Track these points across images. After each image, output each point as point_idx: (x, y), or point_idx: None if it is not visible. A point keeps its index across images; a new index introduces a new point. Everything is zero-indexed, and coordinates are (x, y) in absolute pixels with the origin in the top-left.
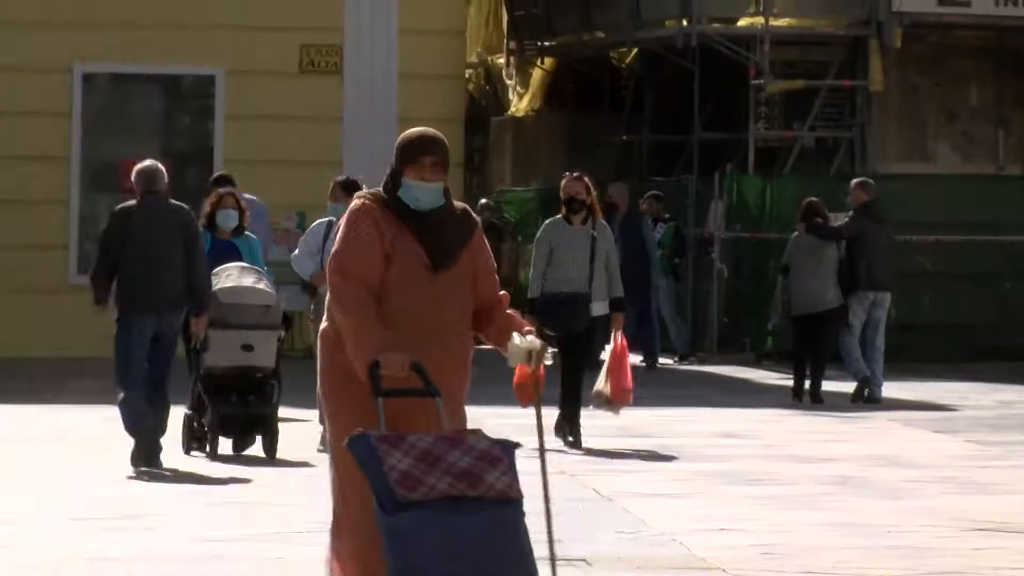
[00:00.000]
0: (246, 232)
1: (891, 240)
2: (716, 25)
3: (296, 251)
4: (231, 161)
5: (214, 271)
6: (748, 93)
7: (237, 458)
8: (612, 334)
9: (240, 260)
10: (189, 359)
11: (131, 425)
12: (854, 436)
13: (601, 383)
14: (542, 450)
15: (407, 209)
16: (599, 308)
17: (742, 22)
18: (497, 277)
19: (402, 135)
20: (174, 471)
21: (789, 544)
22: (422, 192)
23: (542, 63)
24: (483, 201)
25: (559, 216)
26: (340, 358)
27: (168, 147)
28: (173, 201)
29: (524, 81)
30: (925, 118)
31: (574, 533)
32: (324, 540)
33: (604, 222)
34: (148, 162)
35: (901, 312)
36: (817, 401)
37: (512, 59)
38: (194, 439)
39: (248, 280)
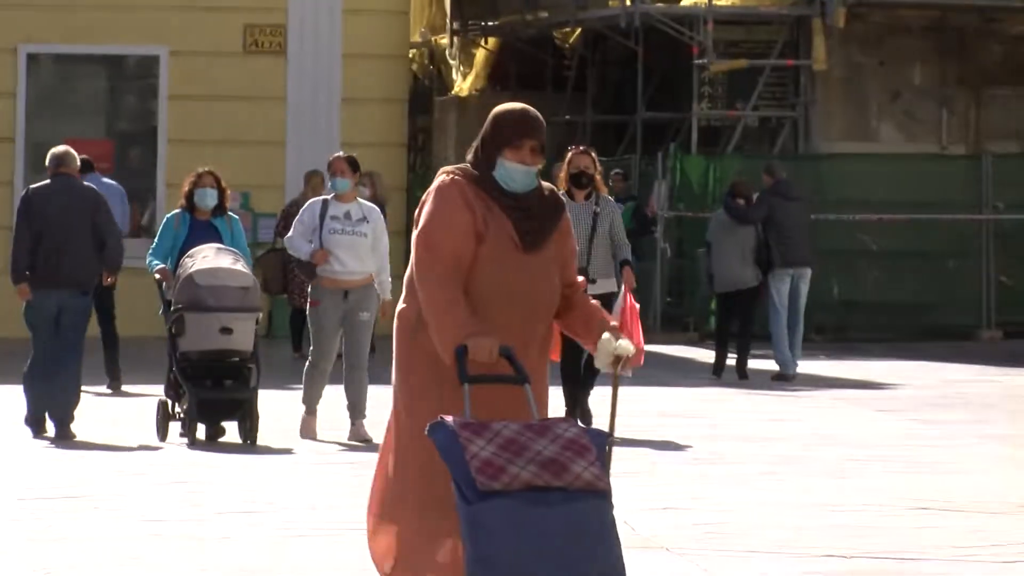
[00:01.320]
0: (228, 212)
1: (805, 216)
2: (659, 5)
3: (290, 232)
4: (175, 141)
5: (188, 252)
6: (691, 73)
7: (214, 444)
8: (621, 292)
9: (220, 242)
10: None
11: (26, 393)
12: (798, 415)
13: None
14: (610, 444)
15: (499, 188)
16: (601, 286)
17: (685, 2)
18: (576, 261)
19: (500, 111)
20: (124, 449)
21: (733, 523)
22: (520, 175)
23: (485, 43)
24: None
25: (561, 191)
26: (421, 339)
27: (112, 127)
28: (85, 183)
29: (468, 61)
30: (868, 97)
31: None
32: (270, 520)
33: (608, 196)
34: (60, 147)
35: (845, 291)
36: (743, 377)
37: (456, 39)
38: (169, 425)
39: (225, 261)
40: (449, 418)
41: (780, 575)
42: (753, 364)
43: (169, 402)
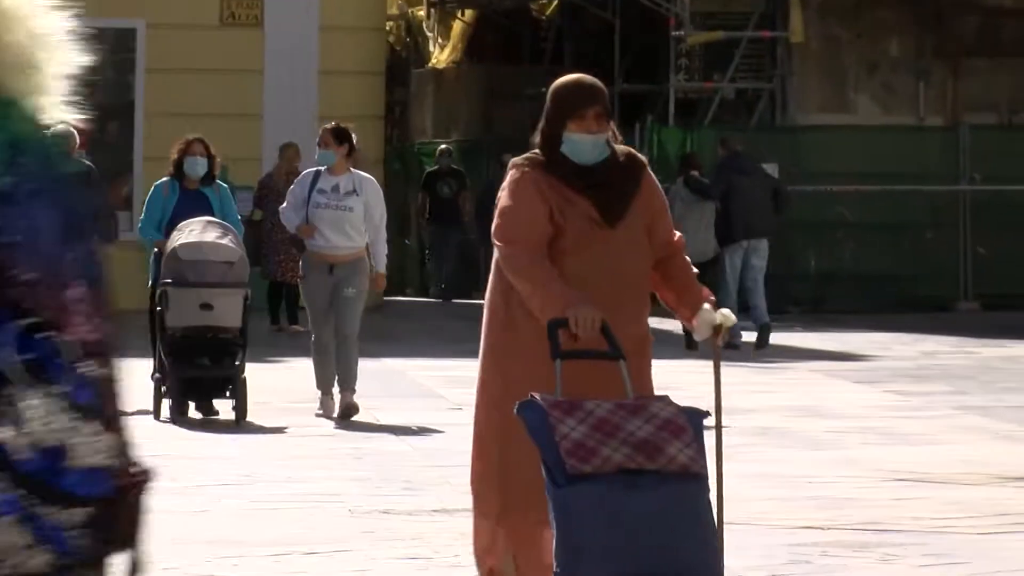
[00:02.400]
0: (217, 181)
1: (763, 187)
2: None
3: (284, 204)
4: (152, 114)
5: (178, 226)
6: (668, 44)
7: (203, 422)
8: None
9: (210, 211)
10: (152, 320)
11: None
12: (775, 387)
13: None
14: (719, 426)
15: (571, 166)
16: None
17: None
18: (671, 217)
19: (556, 85)
20: None
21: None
22: (588, 145)
23: (462, 15)
24: (443, 146)
25: None
26: (510, 327)
27: (89, 101)
28: (81, 160)
29: (445, 33)
30: (845, 69)
31: None
32: (251, 493)
33: None
34: (61, 126)
35: (822, 263)
36: (692, 347)
37: (433, 11)
38: (162, 403)
39: (211, 235)
40: (540, 396)
41: (757, 547)
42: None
43: (159, 380)
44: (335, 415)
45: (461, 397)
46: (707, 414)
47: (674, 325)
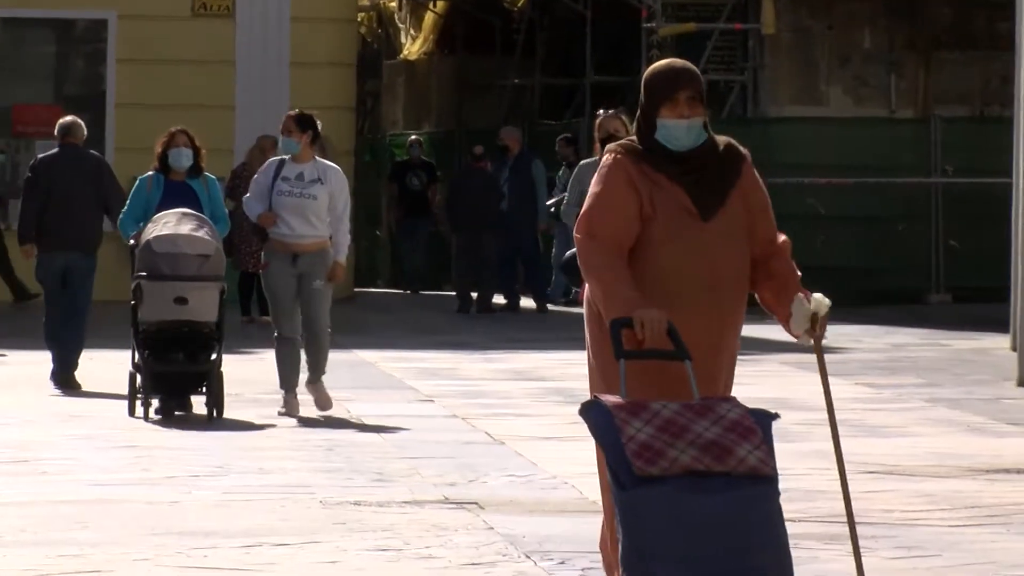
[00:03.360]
0: (204, 173)
1: None
2: None
3: (248, 193)
4: (123, 105)
5: (152, 218)
6: (640, 36)
7: (183, 422)
8: None
9: (197, 203)
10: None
11: (48, 342)
12: (745, 379)
13: None
14: (833, 425)
15: (665, 153)
16: None
17: None
18: (773, 216)
19: (649, 70)
20: (73, 413)
21: None
22: (681, 131)
23: (434, 6)
24: (413, 137)
25: (594, 157)
26: (603, 325)
27: (61, 91)
28: (91, 151)
29: (416, 24)
30: (817, 61)
31: (466, 476)
32: (222, 484)
33: None
34: (67, 117)
35: (793, 255)
36: None
37: (404, 2)
38: (137, 399)
39: (186, 227)
40: (606, 397)
41: None
42: None
43: (138, 376)
44: (299, 414)
45: (432, 388)
46: (776, 416)
47: None
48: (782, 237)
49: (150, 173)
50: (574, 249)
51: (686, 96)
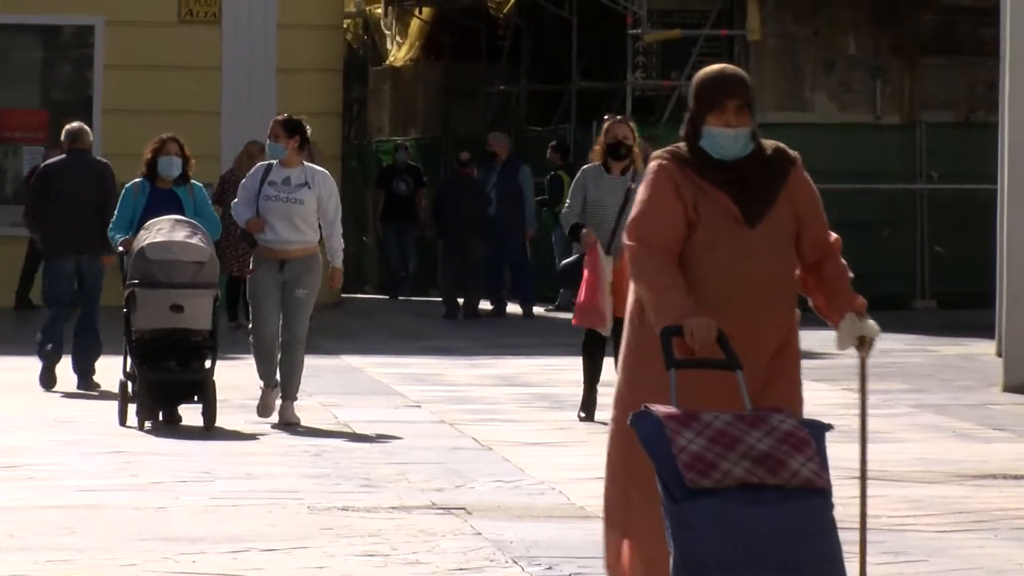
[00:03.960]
0: (192, 181)
1: None
2: None
3: (236, 199)
4: (110, 111)
5: (146, 224)
6: (626, 42)
7: (181, 433)
8: None
9: (181, 211)
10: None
11: (40, 346)
12: None
13: None
14: (863, 443)
15: (709, 161)
16: None
17: None
18: (825, 218)
19: (698, 76)
20: (60, 419)
21: None
22: (727, 140)
23: (420, 13)
24: (399, 142)
25: (596, 163)
26: (646, 333)
27: (48, 97)
28: (97, 157)
29: (402, 31)
30: (803, 67)
31: (453, 482)
32: (210, 490)
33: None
34: (75, 123)
35: None
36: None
37: (390, 9)
38: (128, 408)
39: (180, 234)
40: (656, 407)
41: None
42: None
43: (129, 383)
44: (272, 416)
45: (419, 394)
46: (830, 427)
47: None
48: (833, 236)
49: (136, 180)
50: (571, 258)
51: (734, 104)
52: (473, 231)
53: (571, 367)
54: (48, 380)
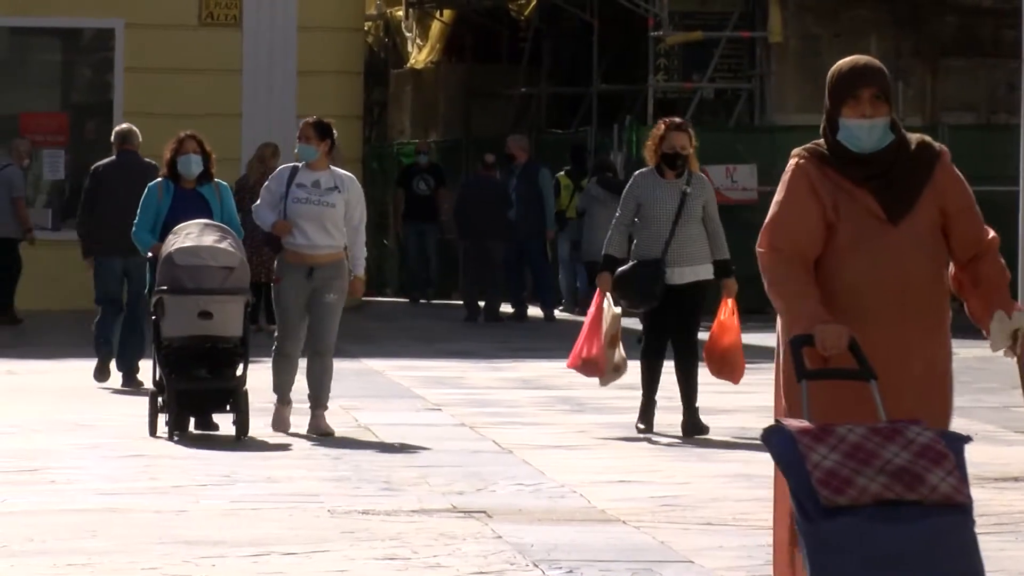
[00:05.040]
0: (216, 180)
1: None
2: None
3: (258, 200)
4: (131, 114)
5: (174, 229)
6: (647, 44)
7: (202, 438)
8: (720, 305)
9: (208, 212)
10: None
11: (96, 342)
12: (752, 387)
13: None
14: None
15: (849, 156)
16: (688, 274)
17: None
18: (979, 214)
19: (833, 68)
20: (80, 422)
21: (689, 496)
22: (863, 131)
23: (441, 15)
24: (420, 142)
25: (649, 168)
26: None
27: (68, 100)
28: (146, 159)
29: (423, 33)
30: (824, 69)
31: (473, 485)
32: (231, 493)
33: (701, 174)
34: (124, 125)
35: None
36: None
37: (411, 11)
38: (158, 418)
39: (209, 239)
40: (789, 421)
41: (737, 547)
42: None
43: (159, 393)
44: (289, 430)
45: (439, 397)
46: (969, 439)
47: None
48: (991, 234)
49: (159, 180)
50: (627, 266)
51: (870, 94)
52: (494, 234)
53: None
54: (102, 375)
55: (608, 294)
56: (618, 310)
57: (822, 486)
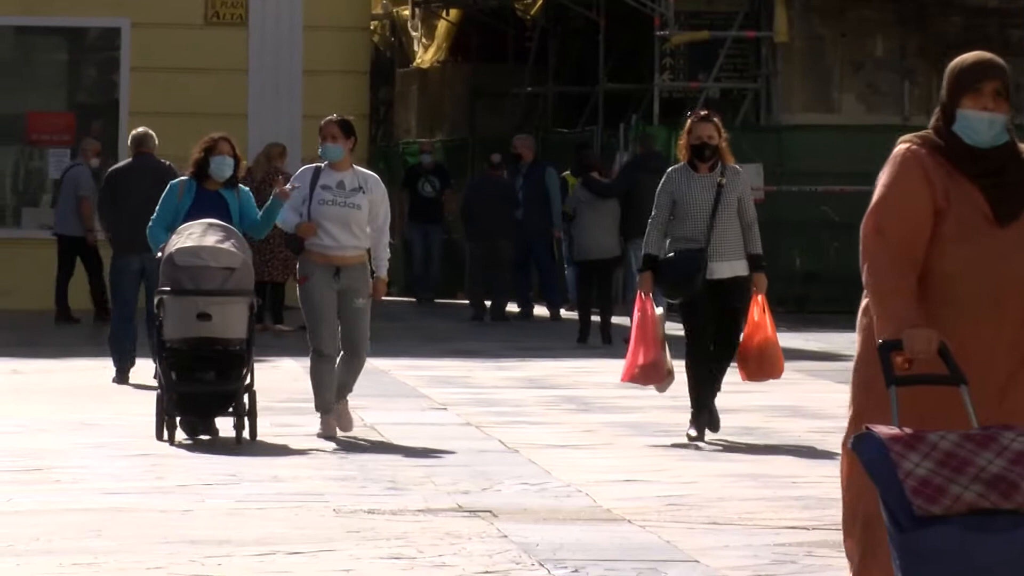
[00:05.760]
0: (239, 185)
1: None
2: None
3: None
4: (137, 113)
5: (177, 229)
6: (653, 44)
7: (202, 444)
8: (752, 300)
9: (227, 215)
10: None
11: (111, 344)
12: (758, 387)
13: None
14: None
15: (963, 149)
16: (726, 270)
17: None
18: None
19: (955, 61)
20: (85, 422)
21: (695, 495)
22: (982, 125)
23: (447, 15)
24: (425, 142)
25: (682, 163)
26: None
27: (74, 99)
28: (162, 160)
29: (429, 33)
30: (830, 69)
31: (479, 484)
32: (236, 492)
33: (736, 166)
34: (140, 128)
35: (806, 262)
36: (606, 341)
37: (417, 10)
38: (165, 422)
39: (211, 239)
40: (879, 428)
41: (742, 547)
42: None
43: (162, 396)
44: (339, 434)
45: (445, 396)
46: None
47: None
48: None
49: (183, 178)
50: (668, 255)
51: (992, 88)
52: (501, 233)
53: (598, 369)
54: (122, 377)
55: (650, 295)
56: (661, 311)
57: (915, 495)
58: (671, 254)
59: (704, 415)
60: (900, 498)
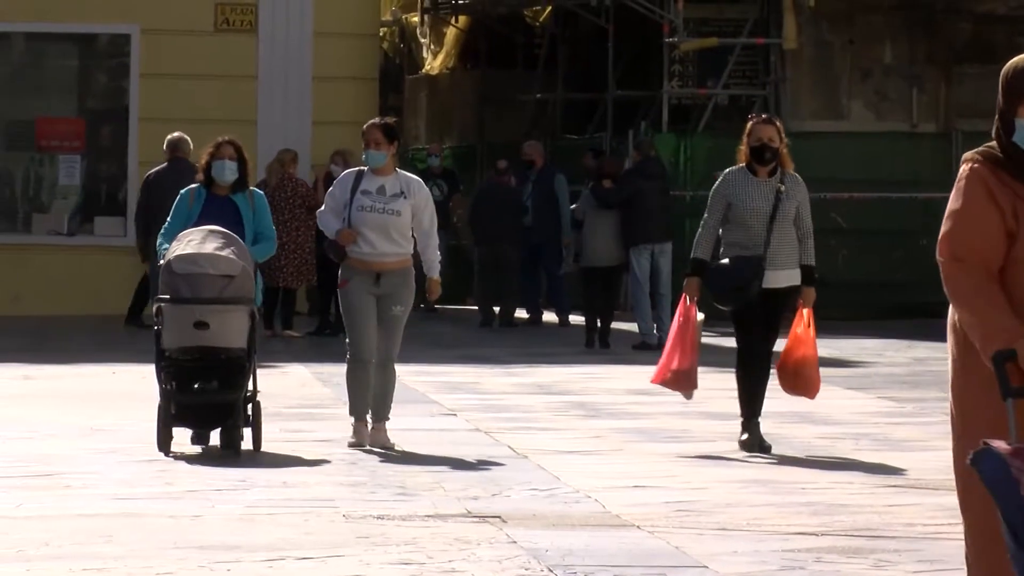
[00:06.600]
0: (251, 188)
1: (663, 194)
2: None
3: (322, 207)
4: (146, 119)
5: (178, 235)
6: (662, 51)
7: (211, 450)
8: (796, 316)
9: (237, 219)
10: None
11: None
12: (768, 393)
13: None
14: None
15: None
16: (785, 279)
17: None
18: None
19: (1008, 65)
20: (95, 429)
21: (704, 501)
22: None
23: (456, 21)
24: (433, 146)
25: (740, 165)
26: (974, 359)
27: (84, 106)
28: (196, 164)
29: (438, 39)
30: (839, 76)
31: (488, 490)
32: (246, 498)
33: (796, 175)
34: (175, 133)
35: (815, 269)
36: (604, 346)
37: (426, 17)
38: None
39: (210, 246)
40: (997, 443)
41: (751, 553)
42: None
43: (163, 406)
44: (368, 444)
45: (454, 402)
46: None
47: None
48: None
49: (192, 186)
50: (723, 261)
51: None
52: (509, 239)
53: (607, 375)
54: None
55: (695, 302)
56: (702, 317)
57: None
58: (725, 260)
59: (755, 423)
60: (1022, 515)
